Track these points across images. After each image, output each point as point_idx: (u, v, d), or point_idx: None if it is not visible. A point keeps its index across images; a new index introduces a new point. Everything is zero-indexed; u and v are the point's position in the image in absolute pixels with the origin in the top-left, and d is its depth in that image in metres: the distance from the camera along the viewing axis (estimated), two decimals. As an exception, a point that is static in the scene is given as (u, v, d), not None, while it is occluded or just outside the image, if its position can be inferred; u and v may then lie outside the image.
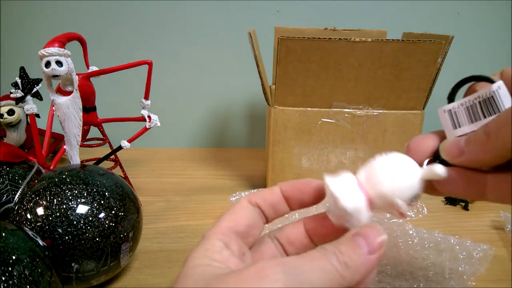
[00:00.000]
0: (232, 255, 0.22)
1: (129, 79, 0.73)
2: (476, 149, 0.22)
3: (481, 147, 0.22)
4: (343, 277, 0.20)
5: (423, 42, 0.48)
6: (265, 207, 0.25)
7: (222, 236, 0.23)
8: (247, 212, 0.25)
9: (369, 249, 0.21)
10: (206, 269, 0.21)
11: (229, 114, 0.84)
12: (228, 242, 0.23)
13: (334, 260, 0.20)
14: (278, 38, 0.48)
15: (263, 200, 0.25)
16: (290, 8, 0.78)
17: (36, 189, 0.35)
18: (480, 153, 0.22)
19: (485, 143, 0.21)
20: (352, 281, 0.20)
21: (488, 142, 0.21)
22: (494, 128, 0.21)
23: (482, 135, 0.22)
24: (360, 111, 0.53)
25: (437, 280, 0.37)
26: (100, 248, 0.34)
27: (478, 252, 0.41)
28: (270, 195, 0.25)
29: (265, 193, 0.26)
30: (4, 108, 0.61)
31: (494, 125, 0.21)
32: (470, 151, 0.22)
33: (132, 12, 0.76)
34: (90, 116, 0.52)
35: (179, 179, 0.66)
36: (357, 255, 0.20)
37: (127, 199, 0.38)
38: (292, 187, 0.25)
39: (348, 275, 0.20)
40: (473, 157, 0.22)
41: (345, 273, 0.20)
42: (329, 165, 0.56)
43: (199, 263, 0.21)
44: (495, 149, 0.21)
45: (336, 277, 0.20)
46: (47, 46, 0.42)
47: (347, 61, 0.49)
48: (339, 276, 0.20)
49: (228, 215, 0.25)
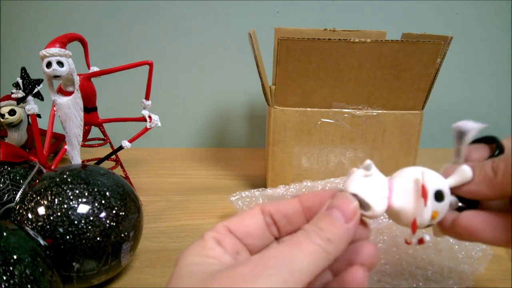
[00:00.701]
0: (224, 252, 0.22)
1: (129, 80, 0.74)
2: (481, 182, 0.22)
3: (486, 181, 0.22)
4: (329, 253, 0.20)
5: (422, 43, 0.48)
6: (278, 217, 0.24)
7: (216, 234, 0.23)
8: (253, 219, 0.24)
9: (345, 218, 0.21)
10: (200, 267, 0.21)
11: (229, 114, 0.84)
12: (220, 240, 0.23)
13: (317, 239, 0.20)
14: (278, 38, 0.48)
15: (276, 210, 0.24)
16: (289, 9, 0.78)
17: (37, 189, 0.35)
18: (484, 187, 0.22)
19: (491, 179, 0.22)
20: (336, 253, 0.21)
21: (494, 179, 0.22)
22: (502, 166, 0.21)
23: (490, 171, 0.22)
24: (360, 111, 0.53)
25: (436, 279, 0.38)
26: (101, 248, 0.34)
27: (477, 252, 0.41)
28: (285, 205, 0.24)
29: (281, 203, 0.25)
30: (5, 108, 0.61)
31: (502, 163, 0.21)
32: (475, 183, 0.23)
33: (133, 13, 0.76)
34: (91, 116, 0.52)
35: (180, 179, 0.66)
36: (336, 228, 0.21)
37: (128, 198, 0.38)
38: (313, 198, 0.24)
39: (332, 250, 0.20)
40: (476, 190, 0.22)
41: (329, 248, 0.20)
42: (329, 165, 0.56)
43: (193, 261, 0.21)
44: (501, 187, 0.21)
45: (323, 254, 0.20)
46: (48, 47, 0.42)
47: (346, 62, 0.50)
48: (325, 253, 0.20)
49: (234, 216, 0.24)
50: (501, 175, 0.21)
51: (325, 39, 0.48)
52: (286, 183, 0.53)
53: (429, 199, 0.22)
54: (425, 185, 0.22)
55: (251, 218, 0.24)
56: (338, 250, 0.21)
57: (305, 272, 0.19)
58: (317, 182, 0.53)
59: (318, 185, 0.52)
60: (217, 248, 0.22)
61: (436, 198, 0.22)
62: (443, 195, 0.22)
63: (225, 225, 0.24)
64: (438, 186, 0.22)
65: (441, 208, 0.22)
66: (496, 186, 0.22)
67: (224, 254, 0.22)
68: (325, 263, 0.20)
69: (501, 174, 0.21)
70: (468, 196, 0.23)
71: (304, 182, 0.52)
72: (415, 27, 0.79)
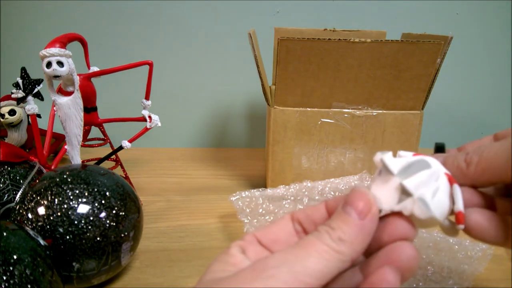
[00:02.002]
0: (245, 259, 0.21)
1: (129, 80, 0.74)
2: (454, 172, 0.23)
3: (458, 173, 0.22)
4: (342, 253, 0.19)
5: (422, 43, 0.48)
6: (307, 224, 0.23)
7: (242, 242, 0.22)
8: (282, 227, 0.23)
9: (359, 214, 0.20)
10: (216, 274, 0.20)
11: (229, 114, 0.85)
12: (245, 248, 0.22)
13: (327, 239, 0.19)
14: (278, 38, 0.48)
15: (305, 217, 0.24)
16: (289, 9, 0.78)
17: (37, 189, 0.35)
18: (457, 176, 0.22)
19: (463, 171, 0.22)
20: (353, 253, 0.19)
21: (467, 171, 0.22)
22: (475, 159, 0.22)
23: (462, 162, 0.22)
24: (360, 111, 0.53)
25: (436, 279, 0.38)
26: (101, 248, 0.34)
27: (477, 252, 0.41)
28: (312, 211, 0.24)
29: (308, 209, 0.24)
30: (5, 108, 0.61)
31: (475, 157, 0.22)
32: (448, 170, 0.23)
33: (133, 13, 0.76)
34: (91, 116, 0.52)
35: (180, 179, 0.66)
36: (348, 225, 0.19)
37: (128, 198, 0.38)
38: (339, 201, 0.23)
39: (345, 249, 0.19)
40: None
41: (342, 248, 0.19)
42: (329, 165, 0.56)
43: (213, 268, 0.21)
44: (473, 179, 0.22)
45: (334, 255, 0.19)
46: (48, 47, 0.42)
47: (346, 62, 0.50)
48: (336, 253, 0.19)
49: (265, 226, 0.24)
50: (473, 167, 0.22)
51: (325, 39, 0.48)
52: (286, 183, 0.53)
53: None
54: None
55: (280, 226, 0.24)
56: (354, 250, 0.19)
57: (311, 274, 0.18)
58: (317, 182, 0.53)
59: (318, 185, 0.52)
60: (239, 256, 0.21)
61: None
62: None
63: (254, 234, 0.23)
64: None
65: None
66: (468, 178, 0.22)
67: (244, 260, 0.21)
68: (339, 264, 0.19)
69: (473, 167, 0.22)
70: None
71: (304, 182, 0.52)
72: (415, 27, 0.79)
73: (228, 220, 0.52)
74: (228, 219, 0.52)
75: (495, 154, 0.21)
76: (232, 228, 0.50)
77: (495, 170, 0.21)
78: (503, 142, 0.21)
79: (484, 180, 0.22)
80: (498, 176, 0.21)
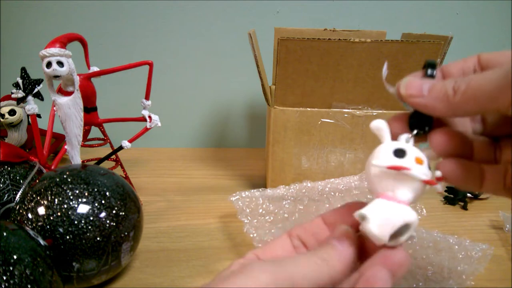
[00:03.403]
0: None
1: (129, 80, 0.74)
2: (438, 99, 0.22)
3: (443, 99, 0.22)
4: (322, 266, 0.21)
5: (422, 43, 0.48)
6: (306, 237, 0.25)
7: (243, 260, 0.24)
8: (280, 244, 0.25)
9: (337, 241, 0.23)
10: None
11: (229, 114, 0.85)
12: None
13: (312, 255, 0.22)
14: (278, 38, 0.48)
15: (303, 230, 0.26)
16: (290, 9, 0.78)
17: (37, 189, 0.35)
18: (439, 104, 0.22)
19: (449, 98, 0.22)
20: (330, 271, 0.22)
21: (453, 99, 0.21)
22: (463, 87, 0.21)
23: (450, 89, 0.22)
24: (360, 111, 0.53)
25: (436, 279, 0.38)
26: (101, 248, 0.34)
27: (477, 252, 0.41)
28: (310, 225, 0.26)
29: (305, 224, 0.26)
30: (5, 108, 0.61)
31: (463, 85, 0.21)
32: (431, 98, 0.23)
33: (133, 13, 0.76)
34: (91, 116, 0.52)
35: (180, 179, 0.66)
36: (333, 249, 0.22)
37: (128, 198, 0.38)
38: (334, 215, 0.26)
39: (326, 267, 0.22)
40: (431, 105, 0.23)
41: (322, 263, 0.22)
42: (329, 165, 0.56)
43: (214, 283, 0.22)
44: (457, 107, 0.21)
45: (315, 266, 0.21)
46: (48, 47, 0.42)
47: (346, 62, 0.50)
48: (317, 266, 0.21)
49: (264, 244, 0.26)
50: (460, 95, 0.21)
51: (325, 39, 0.48)
52: (286, 183, 0.53)
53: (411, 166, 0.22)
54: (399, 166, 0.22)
55: (278, 243, 0.25)
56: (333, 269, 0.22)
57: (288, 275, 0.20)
58: (317, 182, 0.53)
59: (318, 185, 0.52)
60: None
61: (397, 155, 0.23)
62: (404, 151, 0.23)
63: (254, 252, 0.25)
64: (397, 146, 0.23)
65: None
66: (452, 106, 0.22)
67: None
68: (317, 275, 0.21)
69: (460, 95, 0.21)
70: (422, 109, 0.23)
71: (304, 182, 0.52)
72: (415, 27, 0.79)
73: (228, 220, 0.52)
74: (228, 219, 0.52)
75: (483, 83, 0.20)
76: (232, 228, 0.50)
77: (481, 99, 0.20)
78: (494, 71, 0.20)
79: (468, 109, 0.21)
80: (483, 106, 0.21)
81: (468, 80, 0.21)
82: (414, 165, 0.22)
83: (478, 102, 0.21)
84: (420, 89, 0.23)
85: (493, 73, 0.20)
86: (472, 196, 0.58)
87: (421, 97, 0.23)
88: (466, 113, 0.22)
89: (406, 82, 0.24)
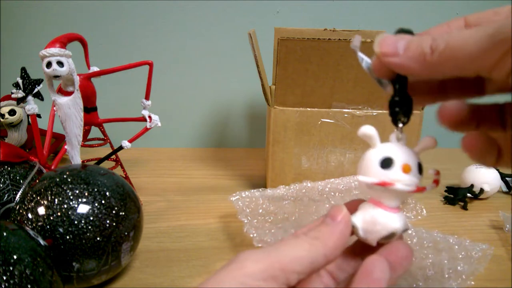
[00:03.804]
0: None
1: (129, 80, 0.74)
2: (413, 59, 0.20)
3: (419, 59, 0.20)
4: (315, 245, 0.21)
5: (422, 43, 0.48)
6: None
7: None
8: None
9: (331, 217, 0.23)
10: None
11: (229, 114, 0.85)
12: None
13: (304, 237, 0.22)
14: (278, 38, 0.48)
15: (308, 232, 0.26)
16: (290, 9, 0.78)
17: (37, 189, 0.35)
18: (415, 64, 0.20)
19: (426, 57, 0.20)
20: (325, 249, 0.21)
21: (430, 58, 0.20)
22: (441, 47, 0.20)
23: (427, 48, 0.20)
24: (360, 111, 0.53)
25: (436, 279, 0.38)
26: (101, 248, 0.34)
27: (477, 252, 0.41)
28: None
29: (311, 225, 0.26)
30: (5, 108, 0.61)
31: (442, 44, 0.20)
32: (406, 57, 0.21)
33: (133, 13, 0.76)
34: (91, 116, 0.52)
35: (180, 179, 0.66)
36: (323, 226, 0.22)
37: (128, 198, 0.38)
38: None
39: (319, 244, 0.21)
40: (406, 65, 0.21)
41: (315, 242, 0.21)
42: (329, 165, 0.56)
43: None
44: (433, 67, 0.20)
45: (307, 246, 0.21)
46: (48, 47, 0.42)
47: (346, 62, 0.50)
48: (310, 245, 0.21)
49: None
50: (437, 55, 0.20)
51: (325, 39, 0.48)
52: (286, 183, 0.53)
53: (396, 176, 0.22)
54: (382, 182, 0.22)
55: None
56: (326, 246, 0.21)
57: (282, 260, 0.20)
58: (317, 182, 0.53)
59: (318, 185, 0.52)
60: None
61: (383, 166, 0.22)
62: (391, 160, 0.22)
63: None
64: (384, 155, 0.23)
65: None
66: (429, 65, 0.20)
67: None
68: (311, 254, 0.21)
69: (438, 54, 0.20)
70: (397, 69, 0.21)
71: (304, 182, 0.52)
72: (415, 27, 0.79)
73: (228, 220, 0.52)
74: (228, 219, 0.52)
75: (464, 43, 0.19)
76: (232, 228, 0.50)
77: (461, 60, 0.19)
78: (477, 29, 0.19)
79: (445, 70, 0.20)
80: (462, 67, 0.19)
81: (448, 38, 0.20)
82: (400, 177, 0.22)
83: (457, 63, 0.19)
84: (395, 47, 0.21)
85: (476, 32, 0.19)
86: (472, 196, 0.58)
87: (396, 56, 0.21)
88: (443, 74, 0.20)
89: (380, 38, 0.22)
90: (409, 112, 0.24)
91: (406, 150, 0.23)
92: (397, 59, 0.21)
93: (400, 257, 0.22)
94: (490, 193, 0.58)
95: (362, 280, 0.20)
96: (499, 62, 0.18)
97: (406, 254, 0.22)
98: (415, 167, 0.22)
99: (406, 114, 0.24)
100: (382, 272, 0.20)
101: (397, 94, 0.23)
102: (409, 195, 0.23)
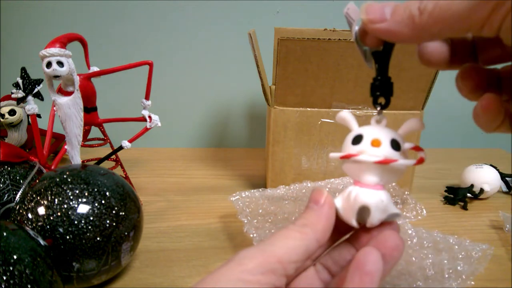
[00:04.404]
0: None
1: (129, 80, 0.74)
2: (402, 23, 0.20)
3: (408, 22, 0.20)
4: (306, 233, 0.22)
5: (422, 43, 0.48)
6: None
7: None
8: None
9: (314, 202, 0.24)
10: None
11: (229, 114, 0.85)
12: None
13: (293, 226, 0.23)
14: (278, 38, 0.48)
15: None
16: (290, 8, 0.78)
17: (37, 189, 0.35)
18: (404, 28, 0.20)
19: (414, 19, 0.20)
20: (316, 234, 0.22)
21: (419, 19, 0.19)
22: (430, 7, 0.19)
23: (415, 10, 0.20)
24: (360, 111, 0.53)
25: (436, 279, 0.38)
26: (101, 248, 0.34)
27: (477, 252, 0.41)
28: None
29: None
30: (5, 108, 0.61)
31: (430, 4, 0.19)
32: (394, 21, 0.20)
33: (133, 13, 0.76)
34: (91, 116, 0.52)
35: (180, 179, 0.66)
36: (308, 212, 0.24)
37: (128, 198, 0.38)
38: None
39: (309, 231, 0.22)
40: (394, 29, 0.20)
41: (305, 230, 0.22)
42: (329, 165, 0.56)
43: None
44: (423, 29, 0.20)
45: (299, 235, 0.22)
46: (48, 47, 0.42)
47: (346, 62, 0.50)
48: (301, 234, 0.22)
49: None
50: (426, 15, 0.19)
51: (325, 39, 0.48)
52: (286, 183, 0.53)
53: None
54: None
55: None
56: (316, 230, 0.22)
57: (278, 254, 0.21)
58: (317, 183, 0.53)
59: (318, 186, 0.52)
60: None
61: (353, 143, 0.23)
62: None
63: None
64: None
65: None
66: (418, 27, 0.20)
67: None
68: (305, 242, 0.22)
69: (427, 14, 0.19)
70: (385, 36, 0.21)
71: (304, 182, 0.52)
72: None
73: (228, 220, 0.52)
74: (228, 219, 0.52)
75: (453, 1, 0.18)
76: (232, 228, 0.50)
77: (451, 19, 0.19)
78: None
79: (435, 32, 0.19)
80: (452, 27, 0.19)
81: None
82: (367, 149, 0.22)
83: (448, 23, 0.19)
84: (382, 12, 0.20)
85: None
86: (472, 196, 0.58)
87: (383, 22, 0.20)
88: (433, 36, 0.20)
89: (366, 5, 0.21)
90: (388, 94, 0.25)
91: (381, 128, 0.23)
92: (385, 25, 0.20)
93: (390, 248, 0.22)
94: (490, 193, 0.58)
95: (355, 272, 0.21)
96: (488, 18, 0.18)
97: (395, 244, 0.22)
98: (386, 142, 0.22)
99: (386, 96, 0.25)
100: (374, 264, 0.20)
101: (378, 75, 0.24)
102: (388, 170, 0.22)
